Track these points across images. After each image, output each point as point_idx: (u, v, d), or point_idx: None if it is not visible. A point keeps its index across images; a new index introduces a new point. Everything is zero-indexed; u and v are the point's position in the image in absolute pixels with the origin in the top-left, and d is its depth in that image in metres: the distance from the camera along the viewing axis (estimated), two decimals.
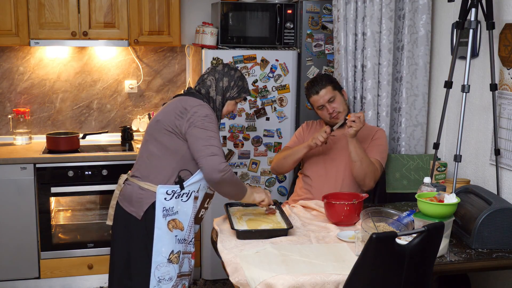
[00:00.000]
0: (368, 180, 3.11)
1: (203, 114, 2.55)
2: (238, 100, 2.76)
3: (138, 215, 2.59)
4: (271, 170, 3.41)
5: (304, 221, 2.83)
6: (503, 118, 2.92)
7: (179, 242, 2.61)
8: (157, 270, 2.57)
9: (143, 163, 2.65)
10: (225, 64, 2.76)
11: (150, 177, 2.59)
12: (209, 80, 2.70)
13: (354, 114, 3.04)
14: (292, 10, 3.93)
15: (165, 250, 2.58)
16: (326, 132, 3.06)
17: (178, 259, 2.62)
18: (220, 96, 2.70)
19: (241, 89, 2.74)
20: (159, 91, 4.41)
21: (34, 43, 3.85)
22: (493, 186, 2.97)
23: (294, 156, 3.20)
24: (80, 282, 3.96)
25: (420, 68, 3.55)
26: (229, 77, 2.71)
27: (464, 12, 2.90)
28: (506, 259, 2.45)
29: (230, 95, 2.71)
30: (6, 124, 4.20)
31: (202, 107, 2.58)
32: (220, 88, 2.70)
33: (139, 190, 2.60)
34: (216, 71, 2.73)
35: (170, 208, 2.57)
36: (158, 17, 3.99)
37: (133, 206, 2.61)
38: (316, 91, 3.18)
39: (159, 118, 2.63)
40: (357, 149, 3.07)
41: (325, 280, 2.18)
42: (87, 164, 3.85)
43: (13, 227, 3.76)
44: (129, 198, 2.63)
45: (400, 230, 2.45)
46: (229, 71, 2.73)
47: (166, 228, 2.57)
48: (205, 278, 4.08)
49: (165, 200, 2.56)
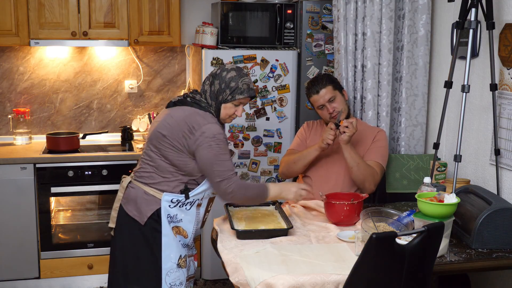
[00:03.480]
0: (368, 184, 3.10)
1: (211, 135, 2.48)
2: (235, 102, 2.58)
3: (142, 220, 2.56)
4: (280, 175, 3.38)
5: (304, 221, 2.83)
6: (503, 118, 2.92)
7: (183, 247, 2.61)
8: (168, 276, 2.55)
9: (148, 169, 2.60)
10: (222, 66, 2.64)
11: (155, 184, 2.57)
12: (206, 85, 2.61)
13: (347, 120, 3.03)
14: (292, 10, 3.93)
15: (174, 256, 2.57)
16: (332, 129, 3.05)
17: (185, 263, 2.62)
18: (214, 101, 2.58)
19: (234, 90, 2.55)
20: (159, 91, 4.41)
21: (34, 43, 3.85)
22: (493, 186, 2.97)
23: (305, 160, 3.18)
24: (80, 282, 3.96)
25: (420, 68, 3.55)
26: (220, 79, 2.57)
27: (464, 12, 2.90)
28: (506, 259, 2.46)
29: (222, 98, 2.56)
30: (6, 124, 4.20)
31: (210, 127, 2.50)
32: (213, 92, 2.58)
33: (144, 195, 2.57)
34: (211, 74, 2.62)
35: (174, 215, 2.56)
36: (158, 17, 3.99)
37: (137, 210, 2.57)
38: (316, 91, 3.18)
39: (165, 133, 2.54)
40: (352, 154, 3.06)
41: (325, 280, 2.18)
42: (87, 164, 3.85)
43: (13, 227, 3.76)
44: (133, 202, 2.59)
45: (400, 230, 2.45)
46: (221, 72, 2.58)
47: (172, 234, 2.56)
48: (205, 278, 4.08)
49: (169, 207, 2.55)
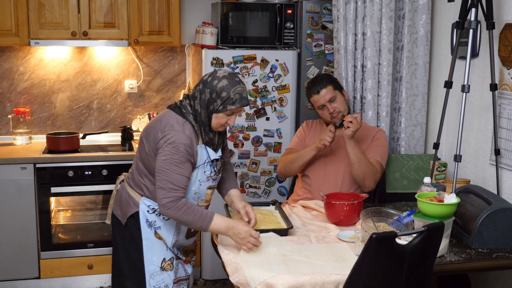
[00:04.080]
0: (368, 182, 3.10)
1: (170, 141, 2.38)
2: (228, 112, 2.44)
3: (123, 220, 2.60)
4: (278, 174, 3.39)
5: (304, 221, 2.83)
6: (503, 118, 2.92)
7: (167, 250, 2.60)
8: (152, 279, 2.56)
9: (133, 171, 2.63)
10: (213, 72, 2.48)
11: (135, 186, 2.58)
12: (196, 91, 2.48)
13: (351, 115, 3.04)
14: (292, 10, 3.93)
15: (157, 259, 2.57)
16: (331, 131, 3.06)
17: (171, 265, 2.60)
18: (204, 110, 2.44)
19: (226, 100, 2.40)
20: (159, 91, 4.41)
21: (34, 43, 3.85)
22: (493, 186, 2.97)
23: (302, 159, 3.19)
24: (80, 282, 3.96)
25: (420, 68, 3.55)
26: (211, 88, 2.42)
27: (464, 12, 2.90)
28: (506, 259, 2.46)
29: (213, 108, 2.43)
30: (6, 124, 4.20)
31: (174, 134, 2.40)
32: (203, 100, 2.44)
33: (127, 196, 2.60)
34: (201, 81, 2.48)
35: (152, 221, 2.55)
36: (158, 17, 3.99)
37: (120, 210, 2.62)
38: (317, 91, 3.18)
39: (143, 135, 2.54)
40: (355, 150, 3.07)
41: (325, 280, 2.18)
42: (87, 164, 3.85)
43: (13, 227, 3.76)
44: (118, 201, 2.64)
45: (400, 230, 2.45)
46: (212, 81, 2.43)
47: (154, 237, 2.56)
48: (205, 278, 4.08)
49: (148, 212, 2.55)
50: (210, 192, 2.64)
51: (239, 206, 2.63)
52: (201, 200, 2.61)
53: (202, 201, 2.62)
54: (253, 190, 4.00)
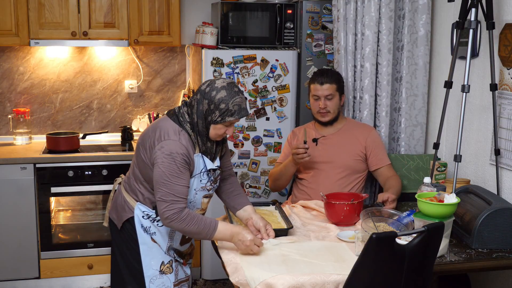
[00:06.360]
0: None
1: (167, 152, 2.35)
2: (226, 123, 2.41)
3: (118, 224, 2.59)
4: (271, 190, 3.42)
5: (304, 221, 2.83)
6: (503, 118, 2.92)
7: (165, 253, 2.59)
8: (152, 283, 2.55)
9: (130, 176, 2.61)
10: (211, 82, 2.43)
11: (132, 191, 2.57)
12: (194, 100, 2.44)
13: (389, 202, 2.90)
14: (292, 10, 3.93)
15: (155, 263, 2.56)
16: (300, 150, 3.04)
17: (171, 268, 2.59)
18: (201, 120, 2.41)
19: (225, 112, 2.36)
20: (159, 91, 4.41)
21: (34, 43, 3.85)
22: (493, 186, 2.97)
23: (285, 175, 3.23)
24: (80, 282, 3.96)
25: (420, 68, 3.55)
26: (209, 99, 2.38)
27: (464, 12, 2.90)
28: (506, 259, 2.46)
29: (212, 119, 2.39)
30: (6, 124, 4.20)
31: (170, 143, 2.37)
32: (201, 111, 2.41)
33: (123, 200, 2.59)
34: (199, 91, 2.44)
35: (147, 227, 2.54)
36: (158, 17, 3.99)
37: (115, 214, 2.61)
38: (321, 82, 3.19)
39: (140, 142, 2.52)
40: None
41: (325, 280, 2.18)
42: (87, 164, 3.85)
43: (13, 227, 3.76)
44: (114, 204, 2.64)
45: (400, 230, 2.45)
46: (210, 91, 2.39)
47: (151, 242, 2.55)
48: (205, 278, 4.08)
49: (143, 218, 2.54)
50: (207, 200, 2.63)
51: (260, 224, 2.54)
52: (196, 208, 2.60)
53: (197, 209, 2.61)
54: (253, 190, 4.00)
